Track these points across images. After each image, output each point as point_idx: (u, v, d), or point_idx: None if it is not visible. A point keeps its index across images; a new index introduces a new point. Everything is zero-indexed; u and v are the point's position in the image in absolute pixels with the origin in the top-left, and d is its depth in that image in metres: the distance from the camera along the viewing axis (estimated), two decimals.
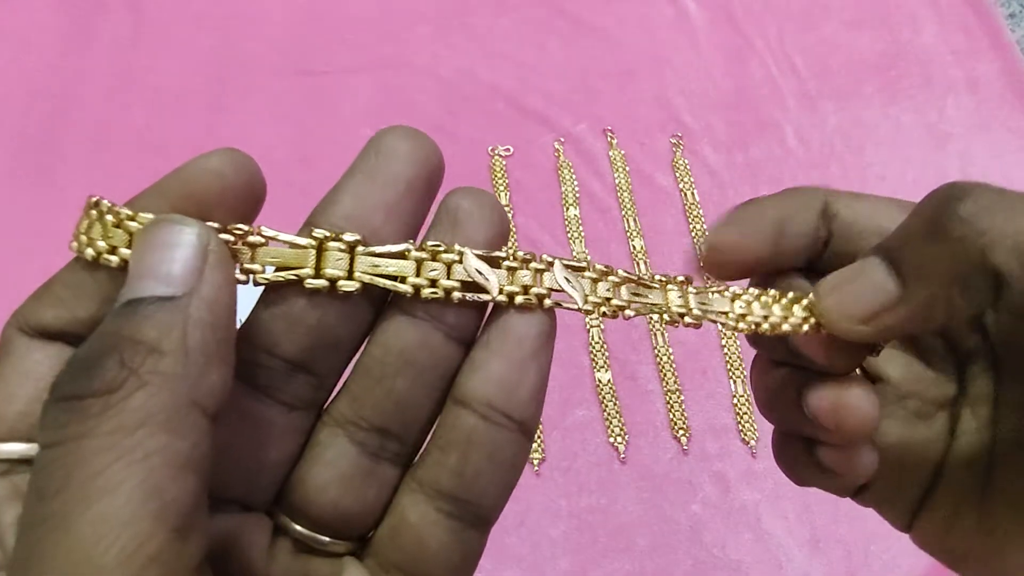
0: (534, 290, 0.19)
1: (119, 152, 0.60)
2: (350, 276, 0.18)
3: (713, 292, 0.21)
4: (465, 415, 0.19)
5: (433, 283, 0.18)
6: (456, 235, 0.19)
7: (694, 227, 0.57)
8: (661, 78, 0.63)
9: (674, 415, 0.50)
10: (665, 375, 0.51)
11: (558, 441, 0.50)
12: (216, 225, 0.18)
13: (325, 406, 0.20)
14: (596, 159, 0.60)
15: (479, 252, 0.19)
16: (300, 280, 0.18)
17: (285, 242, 0.18)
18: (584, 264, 0.20)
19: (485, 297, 0.19)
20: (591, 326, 0.53)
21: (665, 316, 0.21)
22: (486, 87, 0.63)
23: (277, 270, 0.18)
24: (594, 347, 0.52)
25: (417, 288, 0.18)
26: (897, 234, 0.20)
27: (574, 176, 0.59)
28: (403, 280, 0.18)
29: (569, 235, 0.57)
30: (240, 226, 0.18)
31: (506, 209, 0.57)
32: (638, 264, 0.56)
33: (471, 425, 0.18)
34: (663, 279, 0.21)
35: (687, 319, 0.20)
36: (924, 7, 0.65)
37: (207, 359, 0.16)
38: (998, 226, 0.18)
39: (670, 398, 0.51)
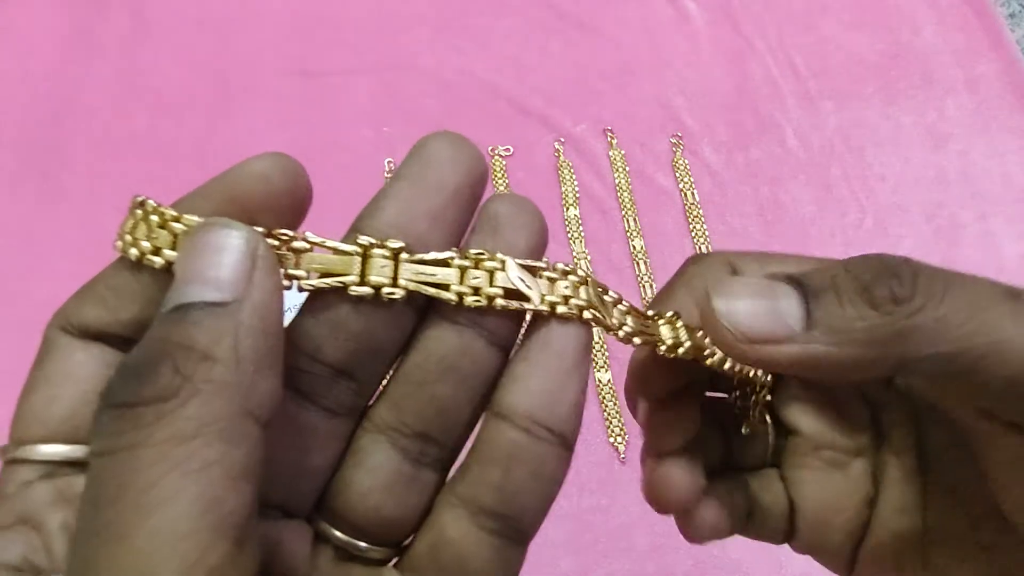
0: (574, 301, 0.19)
1: (121, 154, 0.60)
2: (394, 283, 0.18)
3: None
4: (506, 429, 0.18)
5: (476, 291, 0.18)
6: (497, 242, 0.19)
7: (694, 227, 0.57)
8: (661, 78, 0.63)
9: None
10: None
11: None
12: (261, 230, 0.18)
13: (366, 411, 0.20)
14: (596, 159, 0.60)
15: (520, 261, 0.19)
16: (345, 287, 0.18)
17: (330, 248, 0.18)
18: (617, 297, 0.20)
19: (527, 306, 0.19)
20: None
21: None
22: (486, 87, 0.63)
23: (320, 276, 0.18)
24: (594, 347, 0.52)
25: (460, 296, 0.18)
26: (819, 278, 0.19)
27: (574, 176, 0.59)
28: (446, 288, 0.18)
29: (569, 235, 0.57)
30: (285, 231, 0.18)
31: None
32: (638, 264, 0.56)
33: (513, 440, 0.18)
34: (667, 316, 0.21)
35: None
36: (924, 7, 0.65)
37: (258, 367, 0.16)
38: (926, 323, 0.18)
39: None
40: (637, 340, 0.20)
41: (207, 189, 0.19)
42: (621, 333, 0.20)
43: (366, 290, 0.18)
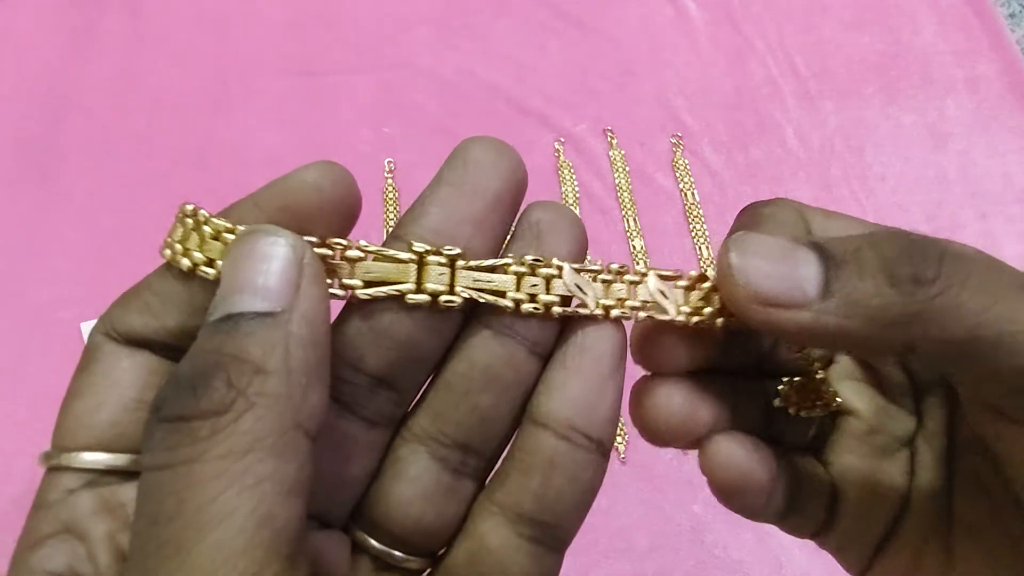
0: (629, 303, 0.19)
1: (120, 154, 0.60)
2: (452, 291, 0.18)
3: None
4: (545, 437, 0.18)
5: (532, 297, 0.18)
6: (539, 249, 0.19)
7: (694, 227, 0.57)
8: (661, 78, 0.63)
9: None
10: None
11: None
12: (315, 239, 0.17)
13: (404, 420, 0.20)
14: (596, 159, 0.60)
15: (576, 266, 0.19)
16: (401, 295, 0.18)
17: (385, 256, 0.18)
18: (677, 273, 0.20)
19: (584, 311, 0.19)
20: None
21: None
22: (486, 87, 0.63)
23: (371, 285, 0.18)
24: None
25: (517, 303, 0.18)
26: (844, 247, 0.19)
27: (574, 176, 0.59)
28: (503, 295, 0.18)
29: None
30: (339, 240, 0.18)
31: None
32: (638, 264, 0.56)
33: (552, 447, 0.18)
34: None
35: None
36: (924, 7, 0.65)
37: (308, 379, 0.16)
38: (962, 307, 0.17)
39: None
40: (695, 318, 0.20)
41: (258, 197, 0.18)
42: (680, 319, 0.19)
43: (423, 298, 0.18)
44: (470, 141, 0.19)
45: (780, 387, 0.22)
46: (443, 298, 0.18)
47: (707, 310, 0.20)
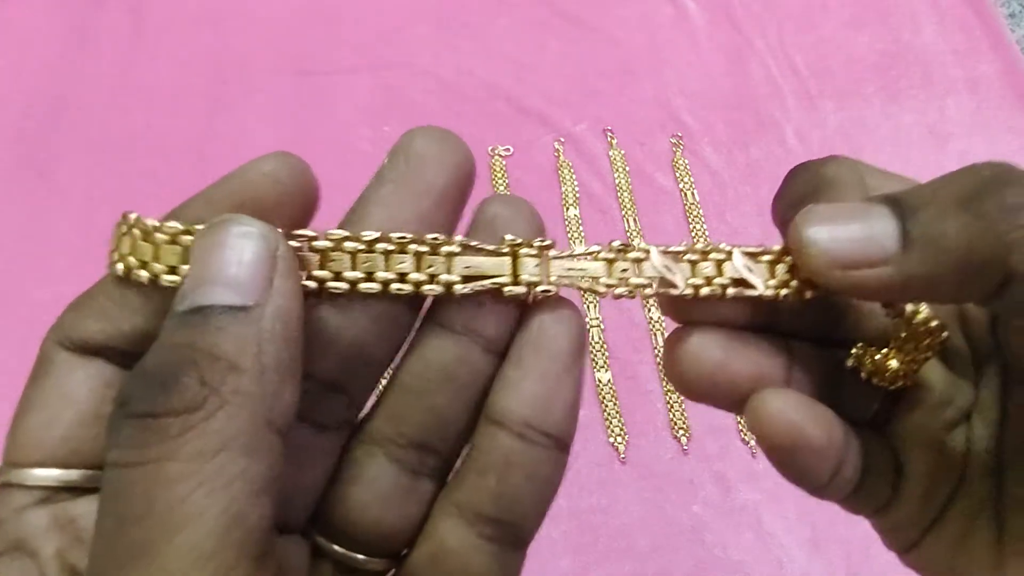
0: (717, 280, 0.19)
1: (118, 153, 0.60)
2: (544, 281, 0.18)
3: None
4: (501, 436, 0.18)
5: (622, 281, 0.19)
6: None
7: (694, 227, 0.57)
8: (661, 78, 0.63)
9: (674, 415, 0.50)
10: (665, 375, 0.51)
11: None
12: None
13: (358, 423, 0.19)
14: (596, 159, 0.60)
15: (663, 248, 0.19)
16: (500, 288, 0.18)
17: (482, 251, 0.18)
18: (761, 249, 0.20)
19: (674, 291, 0.19)
20: (591, 326, 0.53)
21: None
22: (486, 87, 0.63)
23: (470, 279, 0.18)
24: (594, 347, 0.52)
25: (609, 287, 0.19)
26: (918, 194, 0.18)
27: (574, 176, 0.59)
28: (596, 280, 0.19)
29: (569, 235, 0.57)
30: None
31: None
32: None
33: (508, 446, 0.18)
34: None
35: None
36: (924, 7, 0.65)
37: (281, 376, 0.15)
38: None
39: (670, 398, 0.51)
40: (784, 292, 0.19)
41: (210, 193, 0.18)
42: (769, 294, 0.19)
43: (520, 289, 0.18)
44: (412, 133, 0.18)
45: (854, 350, 0.21)
46: (539, 288, 0.18)
47: (793, 283, 0.20)
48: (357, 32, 0.65)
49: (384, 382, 0.19)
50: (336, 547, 0.19)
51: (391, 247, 0.18)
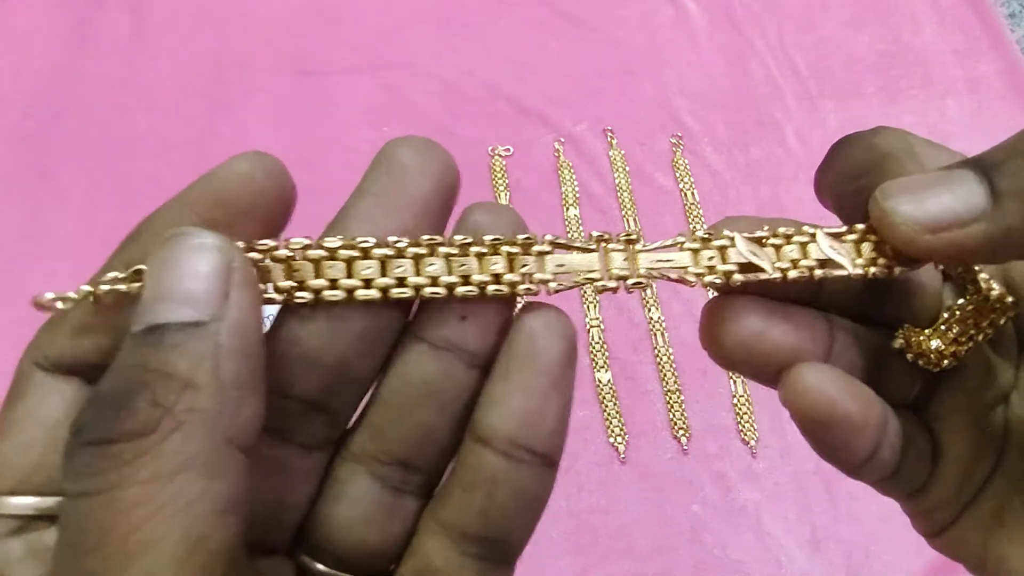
0: (803, 263, 0.19)
1: (118, 153, 0.60)
2: (634, 275, 0.19)
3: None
4: (487, 454, 0.17)
5: (710, 269, 0.19)
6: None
7: (694, 227, 0.57)
8: (661, 78, 0.63)
9: (674, 415, 0.50)
10: (665, 375, 0.51)
11: None
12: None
13: (341, 441, 0.19)
14: (596, 159, 0.60)
15: (747, 235, 0.19)
16: (591, 282, 0.18)
17: (573, 248, 0.19)
18: (844, 229, 0.20)
19: (762, 276, 0.19)
20: (591, 326, 0.53)
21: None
22: (486, 87, 0.63)
23: (560, 276, 0.18)
24: (594, 347, 0.52)
25: (699, 276, 0.19)
26: (997, 151, 0.18)
27: (574, 176, 0.59)
28: (685, 270, 0.19)
29: (569, 235, 0.57)
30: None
31: None
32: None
33: (493, 464, 0.17)
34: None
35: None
36: (924, 7, 0.65)
37: (241, 391, 0.15)
38: None
39: (670, 398, 0.51)
40: (873, 270, 0.19)
41: (188, 195, 0.17)
42: (858, 273, 0.19)
43: (613, 284, 0.18)
44: (393, 144, 0.18)
45: (900, 331, 0.21)
46: (630, 281, 0.18)
47: (881, 260, 0.19)
48: (357, 32, 0.65)
49: (367, 399, 0.19)
50: (321, 567, 0.19)
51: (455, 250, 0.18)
